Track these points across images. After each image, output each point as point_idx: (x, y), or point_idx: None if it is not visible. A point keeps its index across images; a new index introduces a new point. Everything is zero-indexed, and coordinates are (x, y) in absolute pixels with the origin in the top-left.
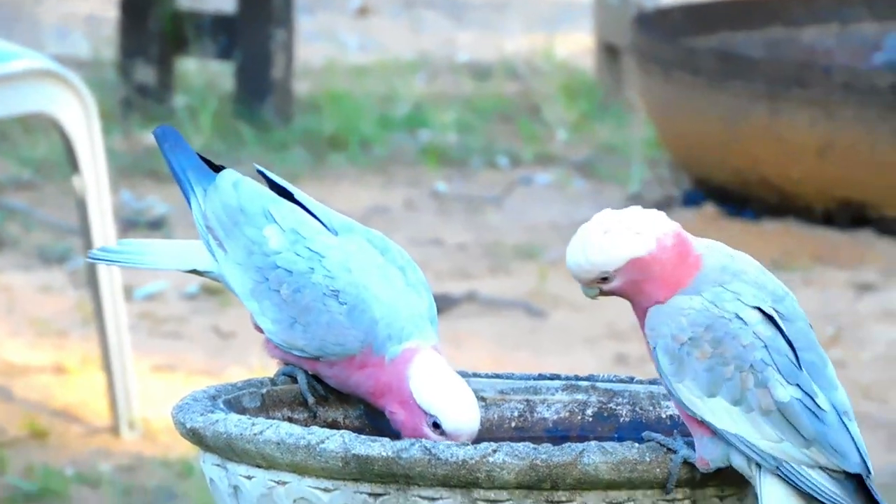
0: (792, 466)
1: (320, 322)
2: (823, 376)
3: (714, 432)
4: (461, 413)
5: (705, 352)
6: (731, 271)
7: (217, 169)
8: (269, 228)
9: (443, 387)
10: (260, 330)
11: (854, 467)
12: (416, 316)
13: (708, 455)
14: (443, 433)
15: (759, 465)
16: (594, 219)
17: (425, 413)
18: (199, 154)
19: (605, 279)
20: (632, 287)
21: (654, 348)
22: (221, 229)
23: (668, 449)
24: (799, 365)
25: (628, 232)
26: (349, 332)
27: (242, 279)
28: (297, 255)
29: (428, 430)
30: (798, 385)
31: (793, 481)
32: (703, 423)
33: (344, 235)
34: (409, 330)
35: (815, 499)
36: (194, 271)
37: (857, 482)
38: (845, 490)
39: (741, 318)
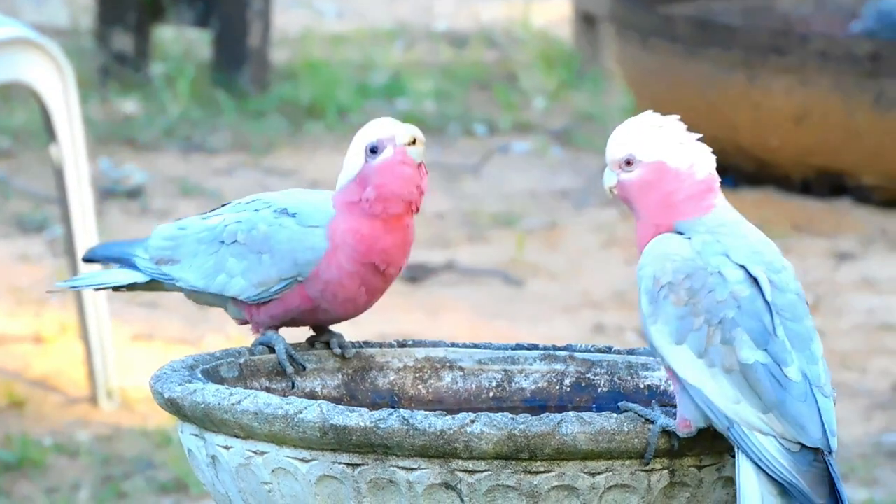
0: (743, 430)
1: (282, 240)
2: (806, 349)
3: None
4: (383, 121)
5: (680, 299)
6: (733, 229)
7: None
8: (210, 220)
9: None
10: (242, 320)
11: (812, 441)
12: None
13: (689, 415)
14: (381, 144)
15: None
16: (657, 114)
17: (364, 165)
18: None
19: (629, 163)
20: (643, 189)
21: (639, 287)
22: (168, 252)
23: (646, 419)
24: (774, 332)
25: (675, 138)
26: (309, 233)
27: (200, 265)
28: (240, 210)
29: (379, 159)
30: (766, 350)
31: (740, 445)
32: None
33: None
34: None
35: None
36: (133, 286)
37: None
38: (796, 463)
39: (722, 275)
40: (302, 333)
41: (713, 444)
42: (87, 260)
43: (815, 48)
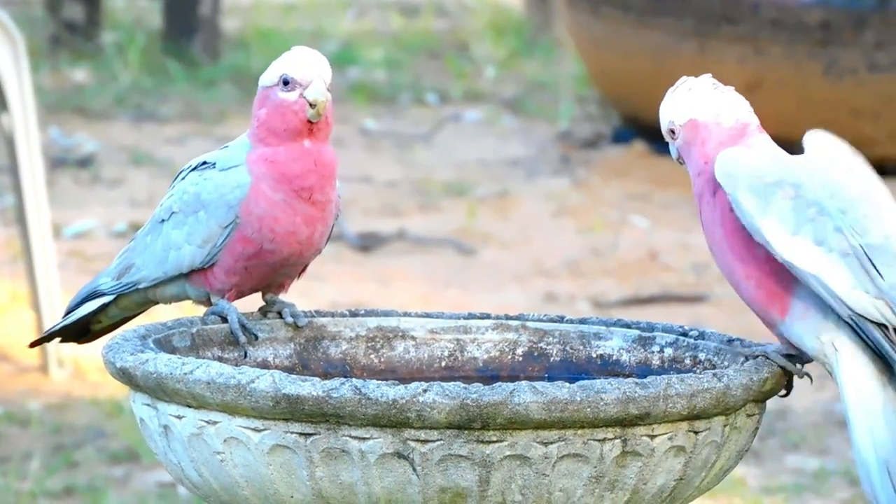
0: (860, 316)
1: (209, 189)
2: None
3: (789, 313)
4: (300, 58)
5: (788, 192)
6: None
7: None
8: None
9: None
10: (200, 300)
11: None
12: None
13: (790, 340)
14: (295, 84)
15: (835, 349)
16: (690, 78)
17: (272, 85)
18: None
19: (673, 133)
20: (687, 150)
21: (734, 192)
22: (125, 260)
23: (758, 355)
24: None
25: (701, 95)
26: (233, 173)
27: (155, 255)
28: (170, 194)
29: (282, 95)
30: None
31: (859, 330)
32: (782, 302)
33: None
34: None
35: (890, 367)
36: (118, 300)
37: None
38: None
39: (815, 167)
40: (254, 303)
41: (669, 413)
42: (68, 313)
43: (766, 17)
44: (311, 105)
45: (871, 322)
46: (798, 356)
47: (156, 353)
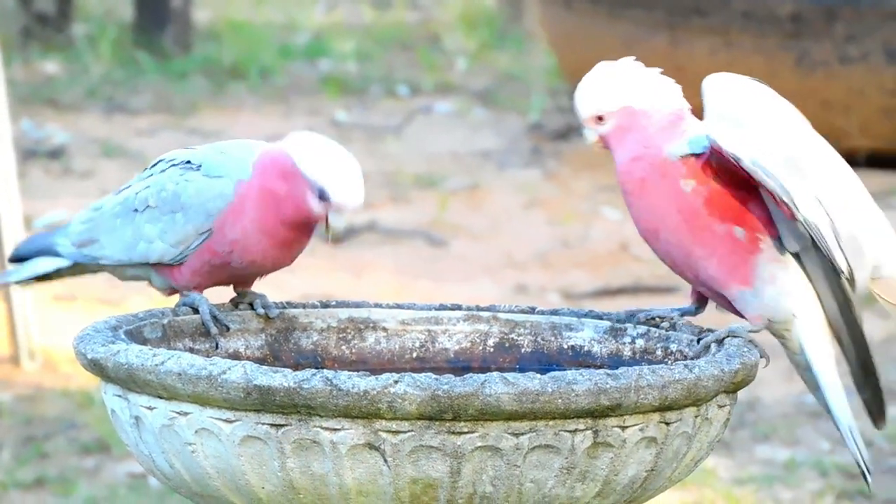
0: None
1: (191, 193)
2: None
3: (756, 281)
4: (348, 182)
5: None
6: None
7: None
8: (124, 191)
9: (328, 155)
10: (164, 289)
11: None
12: (256, 145)
13: (759, 309)
14: (329, 204)
15: (794, 316)
16: (609, 63)
17: (310, 182)
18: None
19: (600, 119)
20: (620, 136)
21: (756, 158)
22: (87, 235)
23: (724, 337)
24: None
25: (633, 81)
26: (216, 183)
27: (120, 238)
28: (146, 177)
29: (312, 201)
30: None
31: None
32: (747, 272)
33: None
34: (267, 147)
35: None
36: (74, 268)
37: None
38: None
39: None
40: (226, 294)
41: (640, 407)
42: (14, 259)
43: (737, 9)
44: (327, 227)
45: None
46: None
47: (127, 345)
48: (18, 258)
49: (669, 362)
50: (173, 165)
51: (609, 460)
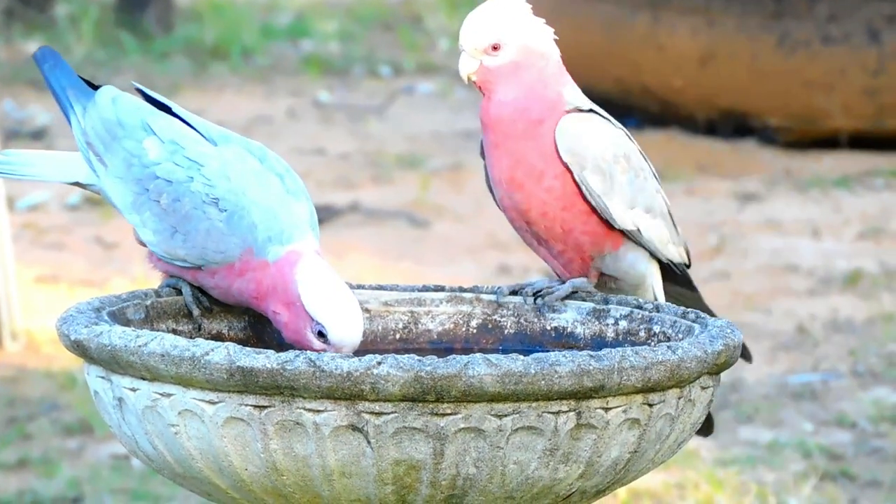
0: (671, 262)
1: (200, 229)
2: None
3: (623, 245)
4: (347, 325)
5: (623, 166)
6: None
7: (97, 88)
8: (149, 140)
9: (331, 296)
10: (143, 244)
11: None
12: (296, 220)
13: (614, 269)
14: (327, 342)
15: (645, 275)
16: None
17: (312, 319)
18: (79, 75)
19: (495, 48)
20: (513, 72)
21: (582, 173)
22: (101, 144)
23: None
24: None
25: (531, 20)
26: (229, 239)
27: (123, 192)
28: (176, 164)
29: (311, 337)
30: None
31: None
32: (617, 238)
33: (222, 145)
34: (290, 233)
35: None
36: (77, 184)
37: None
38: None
39: (629, 137)
40: None
41: (619, 391)
42: (35, 60)
43: None
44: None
45: (674, 264)
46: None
47: (110, 326)
48: (38, 64)
49: (653, 344)
50: (204, 188)
51: (592, 442)
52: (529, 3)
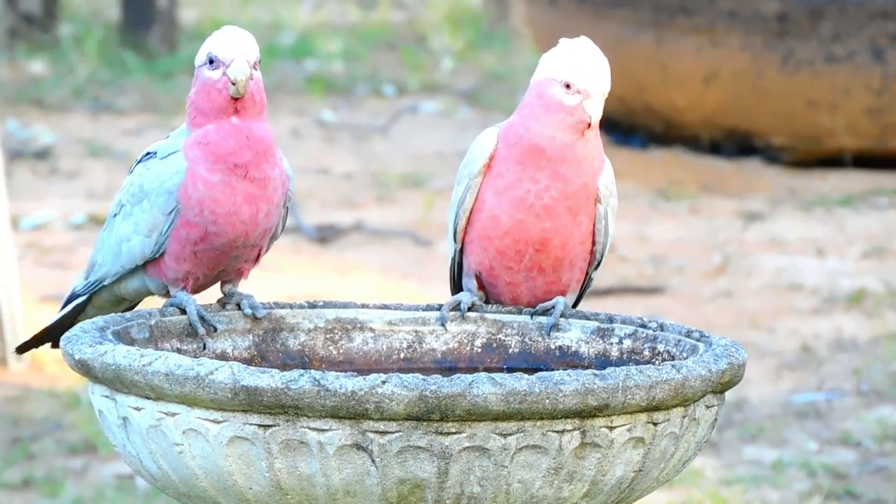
0: None
1: (151, 178)
2: None
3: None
4: (229, 42)
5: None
6: None
7: None
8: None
9: (215, 35)
10: (165, 295)
11: None
12: None
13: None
14: (217, 63)
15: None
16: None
17: (202, 61)
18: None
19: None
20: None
21: (606, 207)
22: (90, 260)
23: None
24: None
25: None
26: (172, 159)
27: (110, 250)
28: (132, 178)
29: (207, 72)
30: None
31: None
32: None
33: None
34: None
35: None
36: (92, 297)
37: None
38: None
39: None
40: (213, 295)
41: (630, 403)
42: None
43: (723, 8)
44: (232, 83)
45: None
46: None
47: (114, 345)
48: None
49: (657, 362)
50: (139, 162)
51: (596, 461)
52: (534, 24)
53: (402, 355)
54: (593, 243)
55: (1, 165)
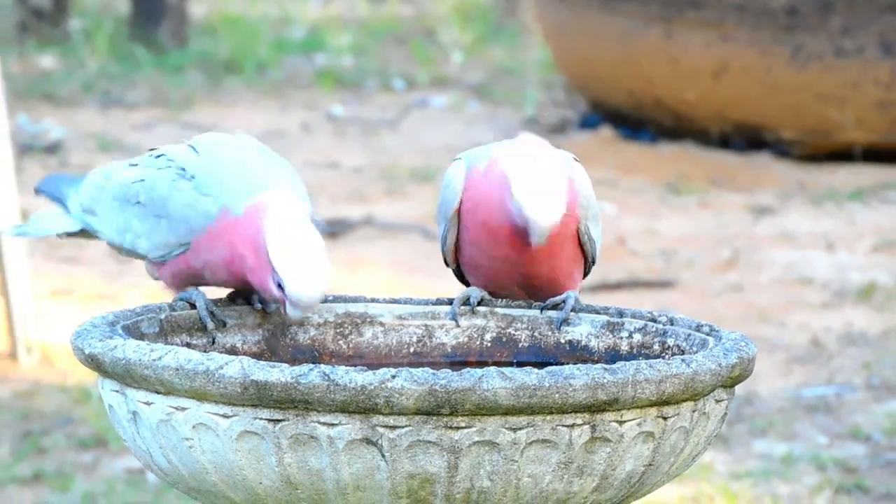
0: None
1: (178, 204)
2: None
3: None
4: (306, 282)
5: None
6: None
7: None
8: (130, 169)
9: (296, 248)
10: (156, 278)
11: None
12: (270, 176)
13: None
14: (285, 295)
15: None
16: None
17: (273, 270)
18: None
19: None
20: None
21: (587, 222)
22: (92, 201)
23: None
24: None
25: None
26: (203, 200)
27: (112, 222)
28: (148, 166)
29: (272, 287)
30: None
31: None
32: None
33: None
34: (265, 183)
35: None
36: (83, 231)
37: None
38: None
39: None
40: (223, 289)
41: (643, 393)
42: (37, 192)
43: (732, 2)
44: (285, 311)
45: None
46: None
47: (124, 340)
48: (40, 192)
49: (667, 357)
50: (169, 167)
51: (606, 455)
52: (543, 18)
53: (411, 350)
54: (583, 252)
55: (11, 160)
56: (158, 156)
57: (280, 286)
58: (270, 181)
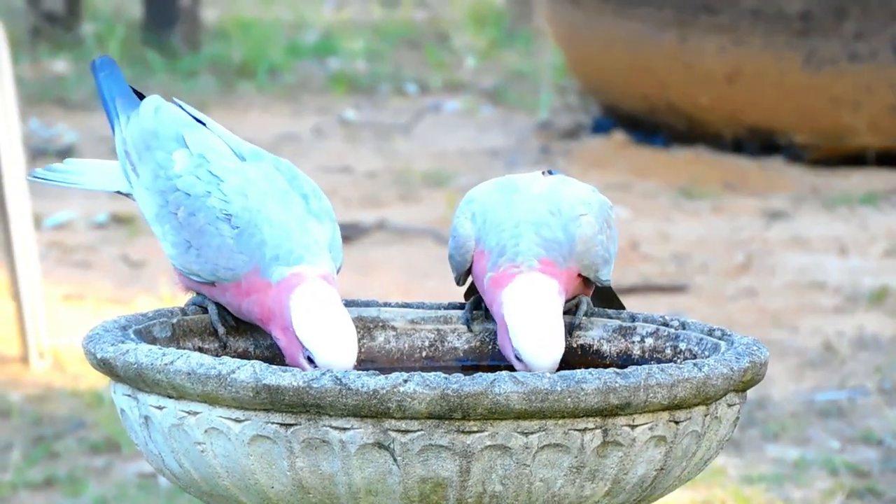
0: None
1: (212, 245)
2: None
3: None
4: (335, 353)
5: (607, 234)
6: None
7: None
8: (179, 152)
9: (322, 321)
10: None
11: None
12: (310, 242)
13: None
14: (317, 368)
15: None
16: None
17: (302, 346)
18: (131, 86)
19: None
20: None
21: (597, 273)
22: (136, 153)
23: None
24: None
25: None
26: (237, 256)
27: (149, 203)
28: (198, 178)
29: (304, 362)
30: None
31: None
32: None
33: (251, 162)
34: (300, 254)
35: None
36: (119, 192)
37: None
38: None
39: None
40: None
41: (654, 400)
42: (93, 68)
43: (746, 7)
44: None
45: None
46: None
47: (136, 344)
48: (94, 73)
49: (679, 361)
50: (218, 205)
51: (618, 459)
52: (557, 23)
53: (423, 354)
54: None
55: (23, 164)
56: (211, 174)
57: (311, 360)
58: (307, 248)
